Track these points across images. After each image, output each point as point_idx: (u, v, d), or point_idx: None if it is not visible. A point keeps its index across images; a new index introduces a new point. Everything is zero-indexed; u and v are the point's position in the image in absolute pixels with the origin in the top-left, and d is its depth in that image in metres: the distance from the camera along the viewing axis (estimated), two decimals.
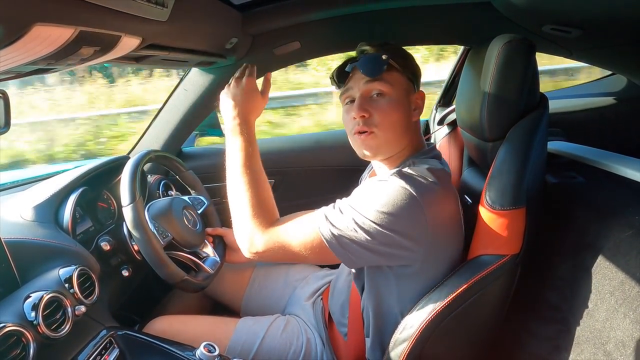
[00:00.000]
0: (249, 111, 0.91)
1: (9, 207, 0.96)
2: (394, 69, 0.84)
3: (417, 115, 0.88)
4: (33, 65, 0.56)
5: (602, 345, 0.77)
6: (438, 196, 0.78)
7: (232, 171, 0.88)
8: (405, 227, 0.75)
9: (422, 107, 0.88)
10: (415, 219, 0.75)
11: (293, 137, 2.12)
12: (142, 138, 1.37)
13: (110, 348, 0.78)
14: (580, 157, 1.06)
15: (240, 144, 0.88)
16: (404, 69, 0.85)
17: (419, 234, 0.76)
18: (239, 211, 0.86)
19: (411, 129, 0.87)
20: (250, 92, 0.92)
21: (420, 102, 0.88)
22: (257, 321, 1.03)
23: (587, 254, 0.85)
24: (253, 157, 0.88)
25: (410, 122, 0.87)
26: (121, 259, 1.00)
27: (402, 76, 0.85)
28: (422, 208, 0.74)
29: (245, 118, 0.90)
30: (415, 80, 0.88)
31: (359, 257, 0.78)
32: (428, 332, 0.81)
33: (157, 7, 0.62)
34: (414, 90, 0.88)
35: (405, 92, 0.86)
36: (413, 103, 0.87)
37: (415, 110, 0.88)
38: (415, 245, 0.77)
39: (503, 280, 0.83)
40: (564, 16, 1.00)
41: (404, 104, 0.85)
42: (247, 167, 0.87)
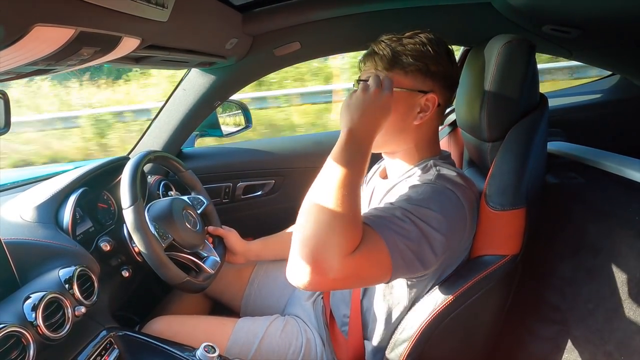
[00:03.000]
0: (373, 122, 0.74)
1: (9, 207, 0.96)
2: (400, 67, 0.79)
3: (422, 119, 0.81)
4: (33, 66, 0.56)
5: (602, 345, 0.77)
6: (474, 203, 0.79)
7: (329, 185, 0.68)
8: (455, 237, 0.75)
9: (431, 109, 0.80)
10: (462, 227, 0.76)
11: (293, 137, 2.12)
12: (142, 139, 1.37)
13: (110, 349, 0.78)
14: (580, 157, 1.06)
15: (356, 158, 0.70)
16: (414, 69, 0.78)
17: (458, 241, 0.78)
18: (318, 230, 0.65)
19: (408, 131, 0.83)
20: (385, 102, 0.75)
21: (430, 105, 0.80)
22: (256, 321, 1.03)
23: (587, 254, 0.85)
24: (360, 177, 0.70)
25: (407, 125, 0.81)
26: (121, 260, 1.00)
27: (407, 77, 0.79)
28: (466, 216, 0.76)
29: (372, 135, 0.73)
30: (433, 80, 0.80)
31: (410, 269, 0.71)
32: (428, 332, 0.81)
33: (157, 7, 0.62)
34: (424, 91, 0.80)
35: (407, 95, 0.79)
36: (418, 105, 0.80)
37: (420, 112, 0.81)
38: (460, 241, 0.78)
39: (503, 280, 0.83)
40: (564, 16, 1.00)
41: (402, 106, 0.80)
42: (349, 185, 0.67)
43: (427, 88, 0.80)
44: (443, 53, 0.80)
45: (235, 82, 1.29)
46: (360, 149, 0.71)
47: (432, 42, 0.79)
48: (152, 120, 1.35)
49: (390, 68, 0.79)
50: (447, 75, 0.81)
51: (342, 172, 0.68)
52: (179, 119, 1.30)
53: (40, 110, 4.58)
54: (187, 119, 1.30)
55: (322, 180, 0.70)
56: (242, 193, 1.51)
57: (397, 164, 0.88)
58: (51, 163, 3.64)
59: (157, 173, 1.33)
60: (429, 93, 0.80)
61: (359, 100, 0.74)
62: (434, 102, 0.80)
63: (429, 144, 0.87)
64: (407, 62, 0.78)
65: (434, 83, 0.80)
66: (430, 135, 0.86)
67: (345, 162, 0.69)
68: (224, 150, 1.58)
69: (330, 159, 0.71)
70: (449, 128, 1.25)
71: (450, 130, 1.23)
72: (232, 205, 1.51)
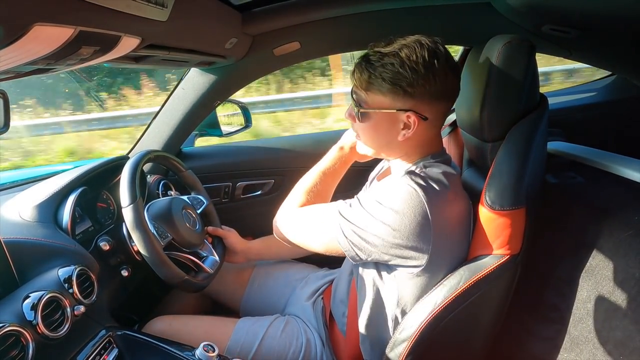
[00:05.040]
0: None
1: (8, 206, 0.96)
2: (376, 89, 0.78)
3: (406, 135, 0.80)
4: (33, 65, 0.56)
5: (601, 345, 0.77)
6: (447, 201, 0.78)
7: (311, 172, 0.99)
8: (410, 238, 0.76)
9: (413, 127, 0.79)
10: (421, 229, 0.76)
11: (293, 137, 2.12)
12: (141, 138, 1.37)
13: (110, 348, 0.78)
14: (580, 157, 1.06)
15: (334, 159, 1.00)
16: (390, 91, 0.77)
17: (424, 242, 0.77)
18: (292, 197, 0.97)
19: (395, 145, 0.83)
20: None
21: (411, 123, 0.78)
22: (257, 321, 1.03)
23: (586, 254, 0.85)
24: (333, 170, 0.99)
25: (392, 140, 0.81)
26: (120, 259, 1.00)
27: (385, 98, 0.78)
28: (429, 216, 0.75)
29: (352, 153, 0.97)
30: (415, 99, 0.77)
31: (365, 254, 0.80)
32: (427, 332, 0.81)
33: (157, 7, 0.62)
34: (405, 110, 0.78)
35: (386, 114, 0.79)
36: (400, 122, 0.79)
37: (403, 129, 0.80)
38: (418, 253, 0.78)
39: (503, 280, 0.83)
40: (564, 16, 1.00)
41: (383, 125, 0.80)
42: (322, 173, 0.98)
43: (407, 106, 0.77)
44: (423, 71, 0.75)
45: (235, 81, 1.29)
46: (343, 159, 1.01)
47: (412, 58, 0.74)
48: (152, 119, 1.35)
49: (368, 89, 0.79)
50: (429, 92, 0.77)
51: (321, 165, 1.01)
52: (179, 118, 1.30)
53: None
54: (187, 118, 1.30)
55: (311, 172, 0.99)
56: (242, 193, 1.51)
57: (397, 164, 0.89)
58: None
59: (156, 172, 1.33)
60: (408, 112, 0.78)
61: None
62: (414, 120, 0.78)
63: (426, 148, 0.85)
64: (383, 85, 0.76)
65: (415, 101, 0.77)
66: (425, 141, 0.84)
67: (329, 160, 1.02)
68: (223, 150, 1.58)
69: None
70: (449, 128, 1.25)
71: (451, 130, 1.23)
72: (231, 205, 1.51)
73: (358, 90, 0.81)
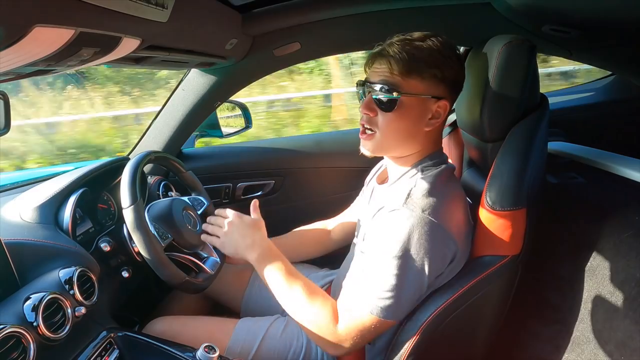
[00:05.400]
0: (262, 238, 0.95)
1: (9, 208, 0.96)
2: (417, 73, 0.77)
3: (434, 124, 0.81)
4: (33, 67, 0.56)
5: (602, 346, 0.77)
6: (450, 203, 0.79)
7: (281, 293, 0.88)
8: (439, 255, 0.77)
9: (442, 116, 0.80)
10: (445, 241, 0.77)
11: (293, 137, 2.12)
12: (142, 139, 1.37)
13: (110, 349, 0.78)
14: (580, 157, 1.06)
15: (276, 267, 0.89)
16: (429, 75, 0.77)
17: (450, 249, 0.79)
18: (304, 320, 0.85)
19: (419, 138, 0.83)
20: (252, 224, 0.96)
21: (441, 111, 0.80)
22: (257, 322, 1.03)
23: (587, 254, 0.85)
24: (289, 269, 0.89)
25: (419, 131, 0.81)
26: (121, 260, 1.00)
27: (423, 83, 0.77)
28: (444, 228, 0.76)
29: (263, 245, 0.93)
30: (446, 86, 0.79)
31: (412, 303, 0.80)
32: (428, 333, 0.81)
33: (157, 8, 0.62)
34: (437, 97, 0.79)
35: (420, 100, 0.78)
36: (430, 111, 0.80)
37: (432, 119, 0.80)
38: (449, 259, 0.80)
39: (503, 280, 0.83)
40: (564, 17, 1.00)
41: (415, 113, 0.79)
42: (291, 281, 0.87)
43: (441, 94, 0.79)
44: (454, 57, 0.79)
45: (235, 82, 1.29)
46: (271, 256, 0.91)
47: (444, 47, 0.78)
48: (152, 120, 1.35)
49: (407, 73, 0.77)
50: (457, 80, 0.81)
51: (279, 280, 0.87)
52: (179, 119, 1.30)
53: None
54: (187, 119, 1.30)
55: (276, 292, 0.88)
56: (242, 193, 1.51)
57: (397, 164, 0.88)
58: None
59: (157, 174, 1.33)
60: (442, 99, 0.79)
61: (234, 237, 0.94)
62: (445, 108, 0.80)
63: (432, 146, 0.86)
64: (424, 68, 0.76)
65: (446, 89, 0.79)
66: (436, 136, 0.87)
67: (274, 274, 0.88)
68: (224, 151, 1.58)
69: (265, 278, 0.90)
70: (449, 128, 1.25)
71: (451, 130, 1.23)
72: (232, 206, 1.51)
73: (392, 77, 0.78)
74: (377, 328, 0.79)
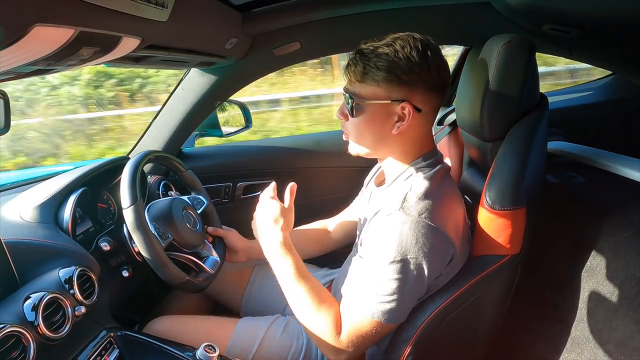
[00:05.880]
0: (286, 230, 0.90)
1: (9, 207, 0.96)
2: (371, 80, 0.78)
3: (400, 128, 0.80)
4: (33, 66, 0.56)
5: (602, 345, 0.77)
6: (444, 203, 0.79)
7: (291, 291, 0.85)
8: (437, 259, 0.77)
9: (407, 119, 0.79)
10: (443, 244, 0.77)
11: (293, 137, 2.12)
12: (142, 138, 1.37)
13: (110, 349, 0.78)
14: (580, 157, 1.06)
15: (290, 265, 0.86)
16: (385, 80, 0.77)
17: (448, 250, 0.79)
18: (307, 322, 0.84)
19: (390, 141, 0.82)
20: (284, 211, 0.90)
21: (406, 114, 0.78)
22: (257, 321, 1.03)
23: (587, 254, 0.85)
24: (302, 269, 0.86)
25: (387, 134, 0.81)
26: (121, 260, 1.00)
27: (379, 88, 0.78)
28: (440, 230, 0.76)
29: (285, 240, 0.88)
30: (409, 89, 0.78)
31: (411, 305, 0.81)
32: (428, 332, 0.81)
33: (157, 7, 0.62)
34: (399, 100, 0.78)
35: (380, 105, 0.79)
36: (395, 114, 0.79)
37: (398, 122, 0.80)
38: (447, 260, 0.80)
39: (503, 280, 0.84)
40: (563, 16, 1.00)
41: (377, 117, 0.80)
42: (302, 282, 0.85)
43: (402, 97, 0.78)
44: (417, 60, 0.76)
45: (235, 82, 1.29)
46: (288, 253, 0.86)
47: (405, 49, 0.76)
48: (152, 120, 1.35)
49: (362, 80, 0.79)
50: (424, 81, 0.78)
51: (291, 278, 0.85)
52: (179, 119, 1.30)
53: None
54: (187, 119, 1.30)
55: (286, 290, 0.86)
56: (242, 193, 1.51)
57: (391, 166, 0.88)
58: None
59: (157, 173, 1.33)
60: (403, 102, 0.78)
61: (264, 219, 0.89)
62: (409, 111, 0.78)
63: (418, 147, 0.85)
64: (378, 74, 0.77)
65: (410, 91, 0.78)
66: (416, 139, 0.84)
67: (287, 271, 0.86)
68: (224, 150, 1.58)
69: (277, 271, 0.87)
70: (449, 128, 1.25)
71: (451, 130, 1.23)
72: (232, 205, 1.51)
73: (352, 84, 0.81)
74: (379, 332, 0.79)
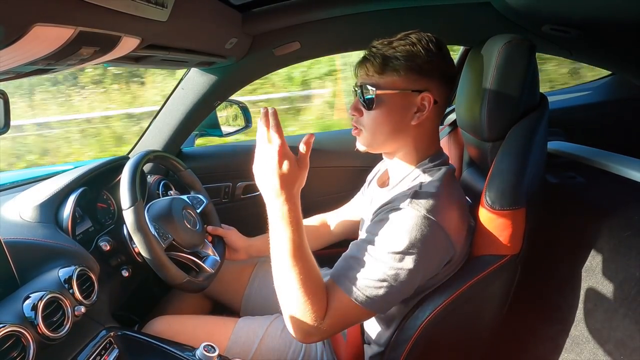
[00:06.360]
0: (297, 187, 0.73)
1: (8, 207, 0.96)
2: (392, 70, 0.79)
3: (420, 118, 0.81)
4: (32, 66, 0.56)
5: (602, 345, 0.77)
6: (451, 204, 0.79)
7: (281, 264, 0.75)
8: (436, 257, 0.77)
9: (427, 109, 0.80)
10: (444, 244, 0.77)
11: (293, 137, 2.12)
12: (141, 138, 1.37)
13: (110, 348, 0.78)
14: (580, 157, 1.06)
15: (290, 233, 0.73)
16: (406, 70, 0.79)
17: (448, 251, 0.78)
18: (290, 304, 0.76)
19: (408, 133, 0.83)
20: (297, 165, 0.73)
21: (426, 104, 0.80)
22: (257, 321, 1.03)
23: (587, 254, 0.85)
24: (303, 244, 0.75)
25: (406, 125, 0.82)
26: (121, 260, 1.00)
27: (400, 78, 0.79)
28: (444, 230, 0.75)
29: (293, 199, 0.72)
30: (428, 79, 0.80)
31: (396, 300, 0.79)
32: (427, 332, 0.81)
33: (157, 7, 0.62)
34: (418, 91, 0.80)
35: (400, 95, 0.80)
36: (414, 105, 0.81)
37: (417, 113, 0.81)
38: (445, 261, 0.80)
39: (503, 280, 0.83)
40: (563, 16, 1.00)
41: (397, 107, 0.81)
42: (298, 258, 0.74)
43: (422, 87, 0.80)
44: (435, 50, 0.79)
45: (235, 81, 1.29)
46: (292, 218, 0.72)
47: (422, 41, 0.79)
48: (152, 119, 1.35)
49: (382, 71, 0.80)
50: (441, 72, 0.81)
51: (286, 250, 0.74)
52: (179, 118, 1.30)
53: None
54: (187, 118, 1.30)
55: (275, 261, 0.76)
56: (242, 193, 1.51)
57: (397, 165, 0.88)
58: None
59: (156, 172, 1.33)
60: (423, 92, 0.80)
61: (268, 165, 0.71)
62: (429, 101, 0.80)
63: (428, 144, 0.86)
64: (399, 63, 0.78)
65: (428, 81, 0.80)
66: (429, 134, 0.86)
67: (284, 239, 0.73)
68: (223, 150, 1.58)
69: (271, 238, 0.75)
70: (449, 128, 1.25)
71: (450, 130, 1.23)
72: (231, 205, 1.51)
73: (370, 77, 0.81)
74: (358, 316, 0.78)
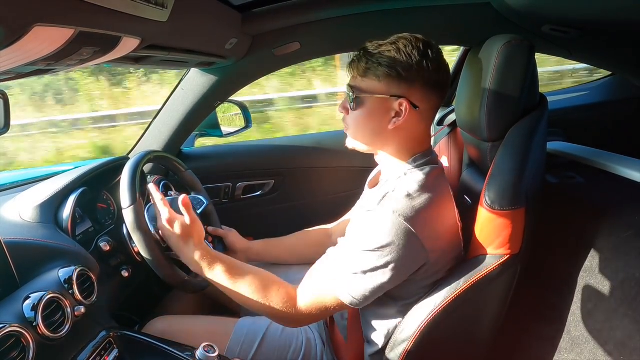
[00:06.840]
0: (197, 236, 0.90)
1: (8, 207, 0.96)
2: (372, 75, 0.80)
3: (396, 123, 0.81)
4: (33, 66, 0.56)
5: (601, 345, 0.77)
6: (431, 208, 0.78)
7: (236, 290, 0.86)
8: (406, 263, 0.78)
9: (404, 115, 0.80)
10: (415, 251, 0.77)
11: (293, 137, 2.12)
12: (141, 139, 1.37)
13: (110, 349, 0.78)
14: (580, 157, 1.06)
15: (222, 270, 0.86)
16: (385, 76, 0.79)
17: (419, 258, 0.78)
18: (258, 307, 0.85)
19: (384, 135, 0.83)
20: (190, 227, 0.89)
21: (403, 110, 0.80)
22: (257, 321, 1.03)
23: (586, 254, 0.85)
24: (236, 267, 0.88)
25: (383, 129, 0.82)
26: (121, 260, 1.00)
27: (380, 83, 0.80)
28: (417, 236, 0.75)
29: (203, 252, 0.88)
30: (408, 86, 0.79)
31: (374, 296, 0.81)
32: (427, 332, 0.81)
33: (157, 7, 0.62)
34: (397, 96, 0.79)
35: (379, 100, 0.80)
36: (392, 110, 0.80)
37: (394, 117, 0.81)
38: (416, 267, 0.80)
39: (503, 280, 0.83)
40: (563, 17, 1.00)
41: (376, 111, 0.81)
42: (241, 277, 0.86)
43: (401, 93, 0.79)
44: (417, 57, 0.78)
45: (235, 82, 1.29)
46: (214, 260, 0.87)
47: (407, 48, 0.78)
48: (152, 120, 1.35)
49: (364, 75, 0.81)
50: (424, 78, 0.79)
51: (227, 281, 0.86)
52: (179, 119, 1.30)
53: None
54: (187, 119, 1.30)
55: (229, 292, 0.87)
56: (242, 193, 1.51)
57: (384, 167, 0.90)
58: None
59: (156, 173, 1.33)
60: (401, 98, 0.79)
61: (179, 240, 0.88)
62: (407, 107, 0.80)
63: (412, 146, 0.85)
64: (380, 69, 0.79)
65: (409, 87, 0.79)
66: (413, 137, 0.84)
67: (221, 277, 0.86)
68: (223, 150, 1.59)
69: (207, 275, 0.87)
70: (448, 128, 1.25)
71: (450, 130, 1.23)
72: (232, 205, 1.51)
73: (355, 79, 0.83)
74: (336, 308, 0.83)
